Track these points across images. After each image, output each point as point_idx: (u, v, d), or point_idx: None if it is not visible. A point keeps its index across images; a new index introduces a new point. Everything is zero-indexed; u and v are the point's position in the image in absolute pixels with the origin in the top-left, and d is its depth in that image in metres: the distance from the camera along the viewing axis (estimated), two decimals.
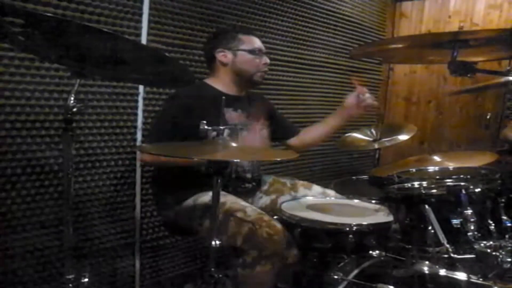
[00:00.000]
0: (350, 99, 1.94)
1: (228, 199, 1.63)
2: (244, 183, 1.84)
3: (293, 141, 2.09)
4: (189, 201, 1.73)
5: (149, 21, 1.94)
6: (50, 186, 1.72)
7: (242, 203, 1.65)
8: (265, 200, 1.91)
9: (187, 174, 1.73)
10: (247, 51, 1.81)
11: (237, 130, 1.76)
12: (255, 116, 1.88)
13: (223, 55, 1.81)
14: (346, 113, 1.96)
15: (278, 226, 1.52)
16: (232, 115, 1.79)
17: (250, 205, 1.66)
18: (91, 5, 1.74)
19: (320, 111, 2.92)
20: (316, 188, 1.92)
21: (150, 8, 1.94)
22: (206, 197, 1.70)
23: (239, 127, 1.78)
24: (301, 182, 1.97)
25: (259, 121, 1.89)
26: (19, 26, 1.01)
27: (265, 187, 1.95)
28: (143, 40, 1.92)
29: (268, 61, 1.86)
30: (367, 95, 1.92)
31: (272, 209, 1.76)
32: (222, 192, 1.47)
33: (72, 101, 1.14)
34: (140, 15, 1.91)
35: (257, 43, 1.84)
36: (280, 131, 2.06)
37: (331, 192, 1.91)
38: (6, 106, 1.57)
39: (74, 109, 1.14)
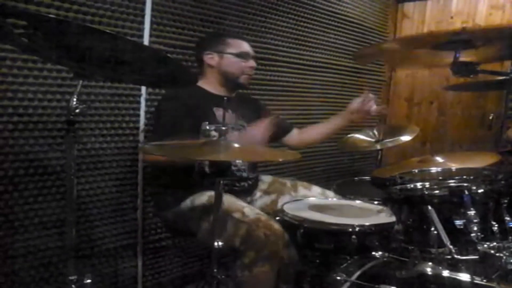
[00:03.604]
0: (355, 104, 1.95)
1: (226, 199, 1.62)
2: (240, 182, 1.85)
3: (292, 139, 2.10)
4: (187, 202, 1.73)
5: (151, 23, 1.95)
6: (52, 187, 1.72)
7: (240, 203, 1.66)
8: (265, 200, 1.92)
9: (184, 175, 1.73)
10: (234, 54, 1.84)
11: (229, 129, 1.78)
12: (246, 116, 1.90)
13: (211, 58, 1.86)
14: (349, 117, 1.99)
15: (276, 226, 1.53)
16: (222, 113, 1.80)
17: (248, 205, 1.67)
18: (93, 6, 1.74)
19: (321, 112, 2.92)
20: (316, 189, 1.94)
21: (152, 10, 1.95)
22: (203, 197, 1.70)
23: (230, 126, 1.79)
24: (301, 182, 1.98)
25: (249, 121, 1.90)
26: (21, 27, 1.01)
27: (264, 187, 1.96)
28: (145, 41, 1.93)
29: (254, 64, 1.89)
30: (372, 102, 1.93)
31: (273, 209, 1.77)
32: None
33: (74, 102, 1.14)
34: (143, 16, 1.92)
35: (244, 47, 1.88)
36: (275, 130, 2.07)
37: (330, 193, 1.94)
38: (9, 107, 1.58)
39: (77, 110, 1.14)
